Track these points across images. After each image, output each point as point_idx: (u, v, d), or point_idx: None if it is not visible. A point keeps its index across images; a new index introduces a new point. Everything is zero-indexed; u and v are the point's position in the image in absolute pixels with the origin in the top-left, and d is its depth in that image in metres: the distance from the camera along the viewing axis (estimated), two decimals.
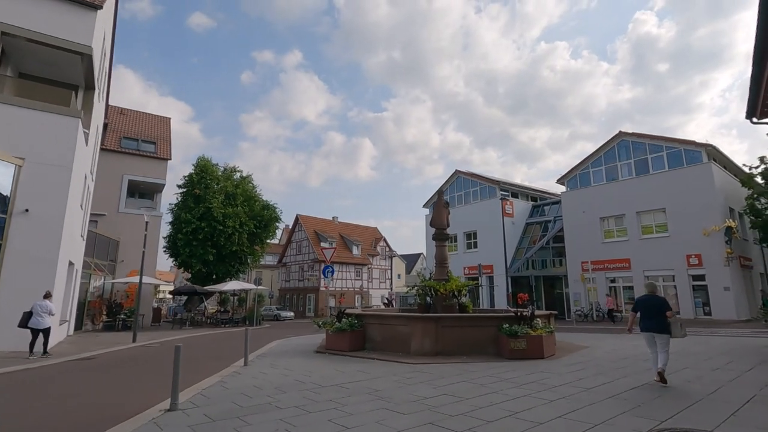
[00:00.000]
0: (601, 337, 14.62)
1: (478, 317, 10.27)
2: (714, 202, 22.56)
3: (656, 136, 25.40)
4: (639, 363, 8.50)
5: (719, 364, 8.21)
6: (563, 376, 7.15)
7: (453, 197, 35.73)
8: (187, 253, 30.67)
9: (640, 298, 7.05)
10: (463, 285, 12.30)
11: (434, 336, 9.72)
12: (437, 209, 13.49)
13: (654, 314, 6.64)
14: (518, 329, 9.33)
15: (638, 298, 7.13)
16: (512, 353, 9.20)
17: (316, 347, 11.55)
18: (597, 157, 27.90)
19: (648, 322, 6.68)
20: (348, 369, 8.20)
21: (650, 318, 6.67)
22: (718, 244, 22.14)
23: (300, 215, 46.05)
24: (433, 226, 13.38)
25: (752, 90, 12.83)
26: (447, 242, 13.38)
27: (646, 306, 6.79)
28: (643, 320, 6.77)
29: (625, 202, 25.76)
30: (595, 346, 11.70)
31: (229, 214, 31.24)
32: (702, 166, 23.16)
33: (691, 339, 12.67)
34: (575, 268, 27.35)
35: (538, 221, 32.18)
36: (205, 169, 32.80)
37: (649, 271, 24.40)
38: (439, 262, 13.07)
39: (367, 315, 11.12)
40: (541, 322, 10.15)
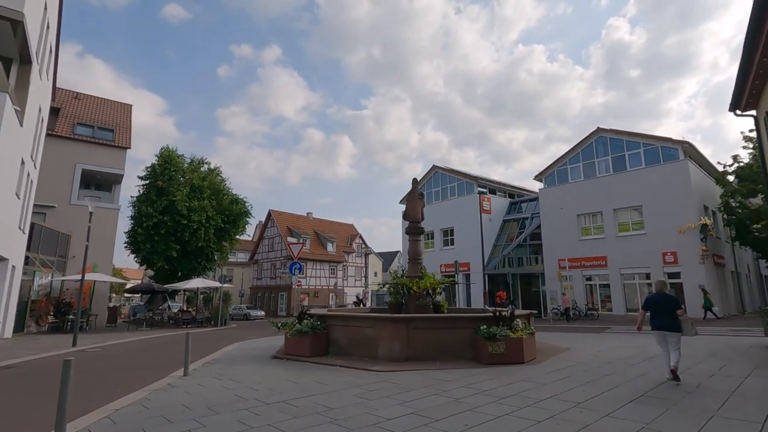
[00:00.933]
0: (581, 338, 13.98)
1: (453, 318, 9.34)
2: (690, 199, 22.45)
3: (634, 132, 25.21)
4: (628, 369, 7.73)
5: (712, 369, 7.51)
6: (548, 386, 6.26)
7: (430, 193, 34.93)
8: (148, 249, 28.80)
9: (650, 296, 6.91)
10: (438, 282, 11.37)
11: (404, 339, 8.72)
12: (411, 201, 12.51)
13: (665, 312, 6.57)
14: (497, 331, 8.44)
15: (648, 296, 6.97)
16: (490, 358, 8.30)
17: (276, 351, 10.39)
18: (575, 154, 27.57)
19: (659, 320, 6.60)
20: (304, 379, 7.11)
21: (661, 316, 6.59)
22: (693, 242, 22.04)
23: (272, 210, 44.38)
24: (406, 220, 12.40)
25: (738, 83, 12.40)
26: (421, 236, 12.41)
27: (657, 304, 6.68)
28: (653, 319, 6.68)
29: (602, 199, 25.48)
30: (576, 347, 10.97)
31: (195, 207, 29.51)
32: (678, 164, 23.03)
33: None
34: (552, 266, 26.95)
35: (515, 218, 31.73)
36: (169, 160, 30.91)
37: (626, 269, 24.19)
38: (413, 258, 12.10)
39: (330, 316, 10.04)
40: (521, 322, 9.31)
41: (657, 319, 6.64)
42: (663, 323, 6.57)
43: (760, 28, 9.54)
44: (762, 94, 12.06)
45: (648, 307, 6.82)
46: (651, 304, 6.79)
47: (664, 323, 6.55)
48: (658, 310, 6.67)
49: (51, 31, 17.30)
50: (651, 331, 6.79)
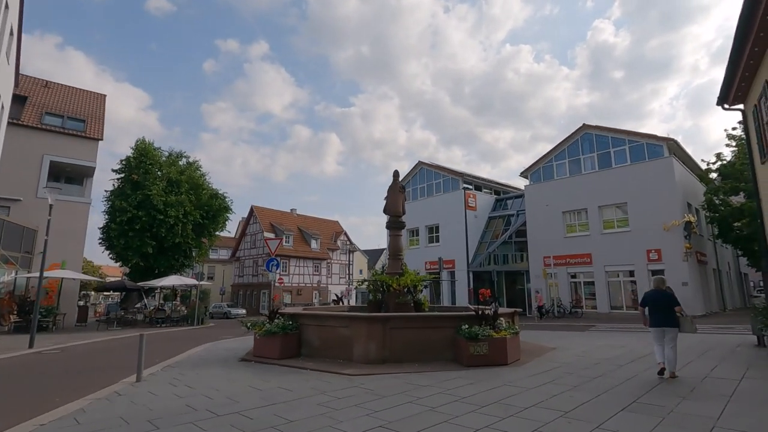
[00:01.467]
0: (566, 336, 13.63)
1: (433, 317, 8.81)
2: (674, 196, 22.38)
3: (619, 129, 25.06)
4: (616, 371, 7.30)
5: (705, 370, 7.13)
6: (532, 392, 5.76)
7: (416, 189, 34.45)
8: (122, 245, 27.65)
9: (648, 294, 7.01)
10: (419, 279, 10.83)
11: (381, 340, 8.15)
12: (392, 194, 11.93)
13: (663, 309, 6.68)
14: (479, 331, 7.93)
15: (646, 293, 7.05)
16: (472, 359, 7.79)
17: (245, 353, 9.72)
18: (560, 150, 27.35)
19: (657, 317, 6.69)
20: (268, 385, 6.48)
21: (659, 313, 6.69)
22: (677, 240, 21.98)
23: (255, 206, 43.35)
24: (387, 214, 11.82)
25: (727, 77, 12.10)
26: (402, 231, 11.85)
27: (655, 301, 6.79)
28: (651, 315, 6.78)
29: (588, 196, 25.31)
30: (562, 347, 10.56)
31: (172, 202, 28.43)
32: (663, 161, 22.94)
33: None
34: (537, 263, 26.73)
35: (501, 215, 31.44)
36: (145, 153, 29.72)
37: (610, 266, 24.06)
38: (393, 254, 11.54)
39: (303, 315, 9.40)
40: (505, 321, 8.82)
41: (655, 315, 6.73)
42: (662, 320, 6.65)
43: (750, 23, 9.23)
44: (750, 88, 11.81)
45: (646, 304, 6.91)
46: (649, 301, 6.88)
47: (663, 320, 6.64)
48: (656, 306, 6.75)
49: (11, 12, 16.19)
50: (649, 327, 6.84)
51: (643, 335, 13.31)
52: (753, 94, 11.43)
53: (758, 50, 9.73)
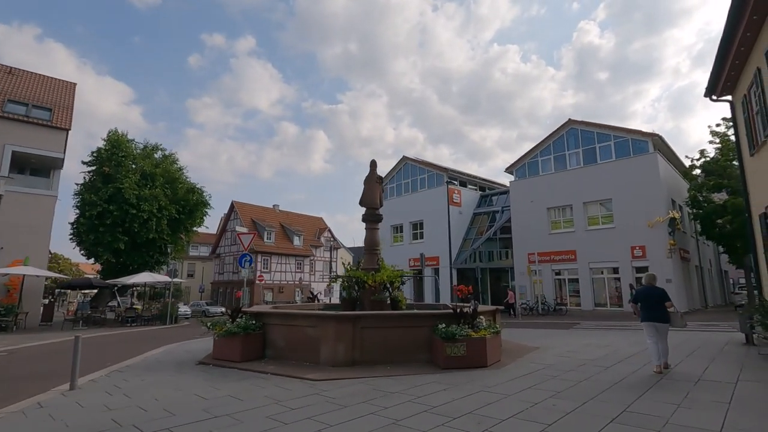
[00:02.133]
0: (550, 335, 13.15)
1: (407, 315, 8.16)
2: (659, 193, 22.19)
3: (604, 125, 24.81)
4: (603, 373, 6.76)
5: (696, 371, 6.63)
6: (512, 399, 5.16)
7: (400, 185, 33.84)
8: (92, 241, 26.45)
9: (640, 290, 7.19)
10: (396, 275, 10.18)
11: (350, 340, 7.48)
12: (368, 185, 11.24)
13: (655, 305, 6.82)
14: (456, 331, 7.31)
15: (638, 289, 7.28)
16: (448, 361, 7.17)
17: (205, 356, 8.94)
18: (546, 146, 27.02)
19: (649, 312, 6.84)
20: (218, 393, 5.75)
21: (651, 309, 6.83)
22: (661, 236, 21.80)
23: (236, 202, 42.17)
24: (363, 206, 11.13)
25: (715, 68, 11.69)
26: (379, 225, 11.18)
27: (647, 297, 6.94)
28: (644, 311, 6.91)
29: (573, 192, 25.02)
30: (545, 346, 10.03)
31: (145, 196, 27.26)
32: (648, 156, 22.73)
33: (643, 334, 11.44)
34: (522, 260, 26.37)
35: (485, 211, 31.04)
36: (117, 145, 28.46)
37: (595, 263, 23.81)
38: (369, 248, 10.87)
39: (268, 314, 8.66)
40: (485, 320, 8.23)
41: (647, 311, 6.86)
42: (653, 315, 6.79)
43: (743, 7, 8.80)
44: (740, 77, 11.45)
45: (638, 300, 7.05)
46: (641, 297, 7.02)
47: (655, 315, 6.78)
48: (648, 302, 6.89)
49: None
50: (641, 322, 7.00)
51: (627, 333, 12.91)
52: (742, 84, 11.07)
53: (750, 35, 9.31)
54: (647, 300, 6.90)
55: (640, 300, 7.01)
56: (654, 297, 6.87)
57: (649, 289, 7.01)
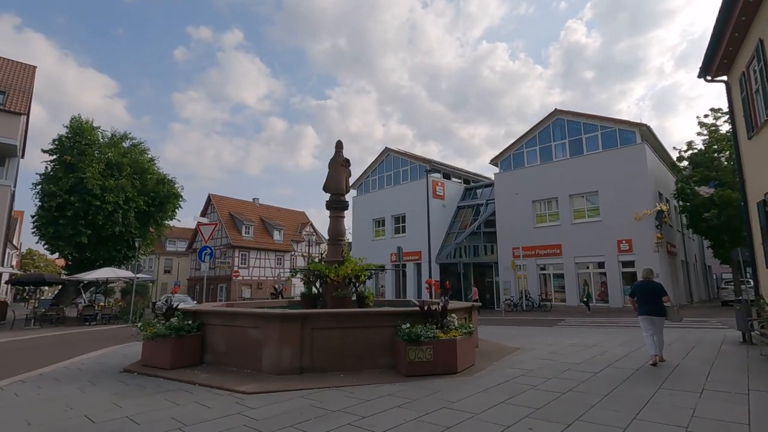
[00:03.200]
0: (533, 333, 12.22)
1: (367, 314, 7.06)
2: (646, 185, 21.49)
3: (591, 115, 24.03)
4: (591, 381, 5.76)
5: (699, 378, 5.69)
6: (480, 421, 4.10)
7: (382, 177, 32.72)
8: (51, 234, 24.79)
9: (636, 284, 7.31)
10: (362, 269, 9.08)
11: (298, 344, 6.37)
12: (334, 169, 10.10)
13: (652, 299, 6.90)
14: (421, 332, 6.25)
15: (635, 283, 7.38)
16: (412, 367, 6.12)
17: (133, 362, 7.72)
18: (531, 137, 26.16)
19: (646, 306, 6.91)
20: (119, 412, 4.59)
21: (648, 303, 6.91)
22: (648, 229, 21.12)
23: (213, 195, 40.57)
24: (327, 191, 9.98)
25: (710, 47, 10.72)
26: (344, 213, 10.06)
27: (644, 291, 7.03)
28: (640, 305, 7.00)
29: (558, 184, 24.21)
30: (526, 347, 9.06)
31: (110, 187, 25.62)
32: (635, 147, 22.01)
33: (631, 332, 10.61)
34: (506, 255, 25.54)
35: (470, 205, 30.12)
36: (80, 132, 26.73)
37: (580, 257, 23.07)
38: (333, 239, 9.75)
39: (207, 313, 7.49)
40: (458, 319, 7.20)
41: (644, 305, 6.94)
42: (650, 309, 6.86)
43: None
44: (736, 58, 10.59)
45: (635, 294, 7.15)
46: (638, 291, 7.12)
47: (651, 309, 6.85)
48: (645, 296, 6.97)
49: None
50: (638, 316, 7.06)
51: (615, 330, 12.04)
52: (741, 60, 10.20)
53: (753, 1, 8.40)
54: (644, 294, 6.99)
55: (637, 294, 7.11)
56: (651, 291, 6.96)
57: (647, 284, 7.11)
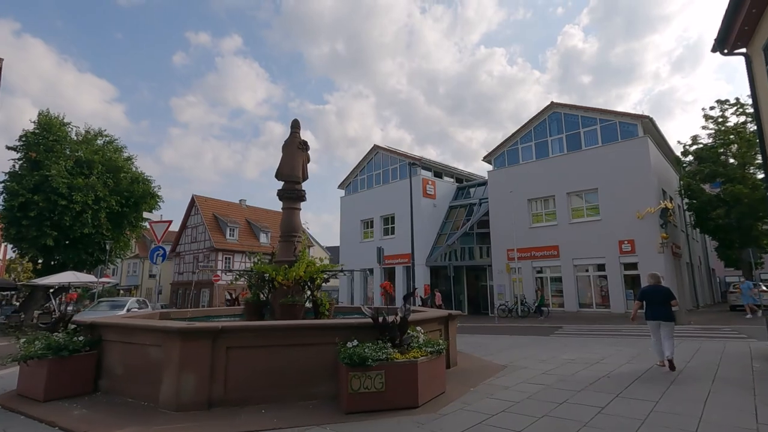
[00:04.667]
0: (526, 343, 10.66)
1: (302, 328, 5.45)
2: (649, 181, 19.99)
3: (590, 107, 22.56)
4: (596, 418, 4.19)
5: (745, 417, 4.14)
6: None
7: (371, 176, 31.19)
8: (13, 235, 23.21)
9: (645, 288, 7.19)
10: (318, 270, 7.52)
11: (207, 368, 4.80)
12: (288, 152, 8.56)
13: (660, 303, 6.80)
14: (370, 352, 4.69)
15: (643, 288, 7.27)
16: (355, 401, 4.56)
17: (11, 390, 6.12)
18: (527, 132, 24.68)
19: (654, 310, 6.83)
20: None
21: (656, 307, 6.82)
22: (651, 229, 19.60)
23: (196, 196, 38.91)
24: (280, 178, 8.43)
25: (728, 16, 9.23)
26: (300, 204, 8.53)
27: (652, 295, 6.94)
28: (648, 309, 6.91)
29: (555, 181, 22.70)
30: (516, 363, 7.50)
31: (78, 185, 24.01)
32: (637, 141, 20.53)
33: (639, 343, 9.08)
34: (500, 257, 23.99)
35: (462, 204, 28.57)
36: (48, 128, 25.19)
37: (579, 259, 21.52)
38: (285, 234, 8.21)
39: (105, 326, 5.89)
40: (425, 333, 5.65)
41: (652, 309, 6.86)
42: (659, 313, 6.78)
43: None
44: (758, 26, 9.14)
45: (643, 299, 7.05)
46: (646, 296, 7.03)
47: (660, 314, 6.77)
48: (653, 301, 6.88)
49: None
50: (646, 320, 6.98)
51: (619, 341, 10.47)
52: (760, 35, 8.73)
53: None
54: (652, 299, 6.90)
55: (645, 298, 7.02)
56: (659, 295, 6.88)
57: (654, 288, 7.01)
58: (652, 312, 6.85)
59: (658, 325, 6.78)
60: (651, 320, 6.86)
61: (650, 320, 6.87)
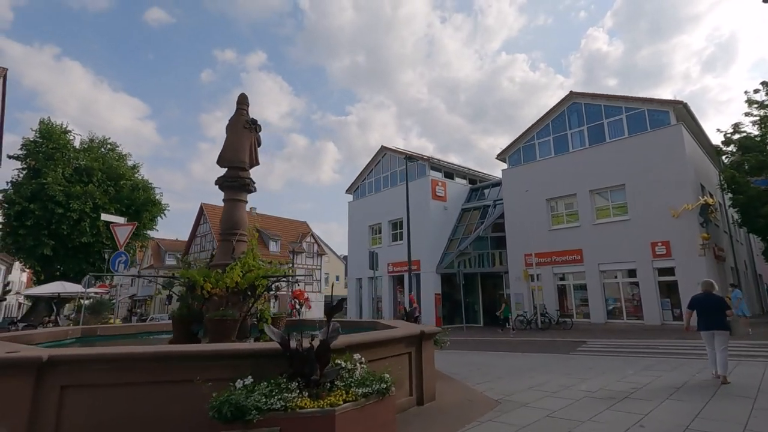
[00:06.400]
0: (539, 363, 8.73)
1: (173, 358, 3.81)
2: (685, 174, 17.64)
3: (614, 95, 20.39)
4: None
5: None
6: None
7: (379, 179, 29.66)
8: (10, 244, 22.76)
9: (696, 297, 6.69)
10: (255, 276, 5.93)
11: (27, 419, 3.23)
12: (233, 131, 7.08)
13: (713, 312, 6.44)
14: (255, 400, 3.03)
15: (694, 296, 6.79)
16: None
17: None
18: (544, 125, 22.64)
19: (707, 320, 6.46)
20: None
21: (709, 316, 6.45)
22: (689, 229, 17.21)
23: (205, 204, 38.34)
24: (222, 165, 6.93)
25: None
26: (245, 194, 7.00)
27: (704, 305, 6.55)
28: (701, 319, 6.56)
29: (577, 178, 20.54)
30: (513, 398, 5.66)
31: (76, 193, 23.45)
32: (670, 130, 18.22)
33: (683, 366, 7.04)
34: (517, 263, 21.90)
35: (476, 206, 26.59)
36: (48, 136, 24.87)
37: (606, 264, 19.23)
38: (225, 231, 6.66)
39: None
40: (365, 364, 3.96)
41: (705, 319, 6.48)
42: (712, 323, 6.40)
43: None
44: None
45: (694, 308, 6.66)
46: (698, 305, 6.63)
47: (713, 323, 6.39)
48: (705, 310, 6.50)
49: None
50: (698, 331, 6.62)
51: (657, 363, 8.35)
52: None
53: None
54: (705, 308, 6.53)
55: (696, 307, 6.65)
56: (713, 305, 6.49)
57: (707, 297, 6.60)
58: (705, 322, 6.46)
59: (712, 336, 6.40)
60: (704, 330, 6.50)
61: (703, 330, 6.52)
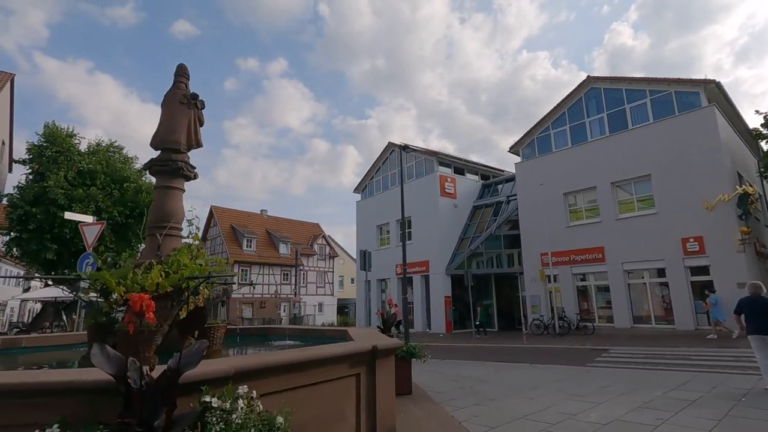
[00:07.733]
0: (546, 379, 7.37)
1: None
2: (719, 161, 15.82)
3: (636, 78, 18.65)
4: None
5: None
6: None
7: (386, 177, 28.51)
8: (14, 248, 22.59)
9: (744, 300, 6.46)
10: (178, 278, 4.85)
11: None
12: (168, 108, 6.05)
13: (763, 315, 6.14)
14: None
15: (742, 299, 6.52)
16: None
17: None
18: (559, 114, 21.03)
19: (757, 324, 6.17)
20: None
21: (759, 319, 6.16)
22: (725, 222, 15.37)
23: (214, 207, 37.94)
24: (156, 146, 5.90)
25: None
26: (182, 181, 5.94)
27: (754, 307, 6.26)
28: (750, 322, 6.28)
29: (597, 170, 18.89)
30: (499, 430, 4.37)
31: (78, 196, 23.14)
32: (701, 112, 16.41)
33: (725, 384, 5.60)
34: (533, 263, 20.33)
35: (488, 203, 25.10)
36: (52, 140, 24.71)
37: (631, 263, 17.50)
38: (153, 224, 5.61)
39: None
40: (256, 398, 2.74)
41: (755, 322, 6.18)
42: (763, 326, 6.08)
43: None
44: None
45: (742, 311, 6.40)
46: (746, 308, 6.35)
47: (763, 327, 6.06)
48: (755, 313, 6.21)
49: None
50: (747, 336, 6.28)
51: (692, 379, 6.83)
52: None
53: None
54: (754, 310, 6.18)
55: (744, 311, 6.32)
56: (762, 307, 6.12)
57: (756, 299, 6.23)
58: (755, 326, 6.13)
59: (763, 341, 6.03)
60: (753, 335, 6.12)
61: (752, 335, 6.14)
